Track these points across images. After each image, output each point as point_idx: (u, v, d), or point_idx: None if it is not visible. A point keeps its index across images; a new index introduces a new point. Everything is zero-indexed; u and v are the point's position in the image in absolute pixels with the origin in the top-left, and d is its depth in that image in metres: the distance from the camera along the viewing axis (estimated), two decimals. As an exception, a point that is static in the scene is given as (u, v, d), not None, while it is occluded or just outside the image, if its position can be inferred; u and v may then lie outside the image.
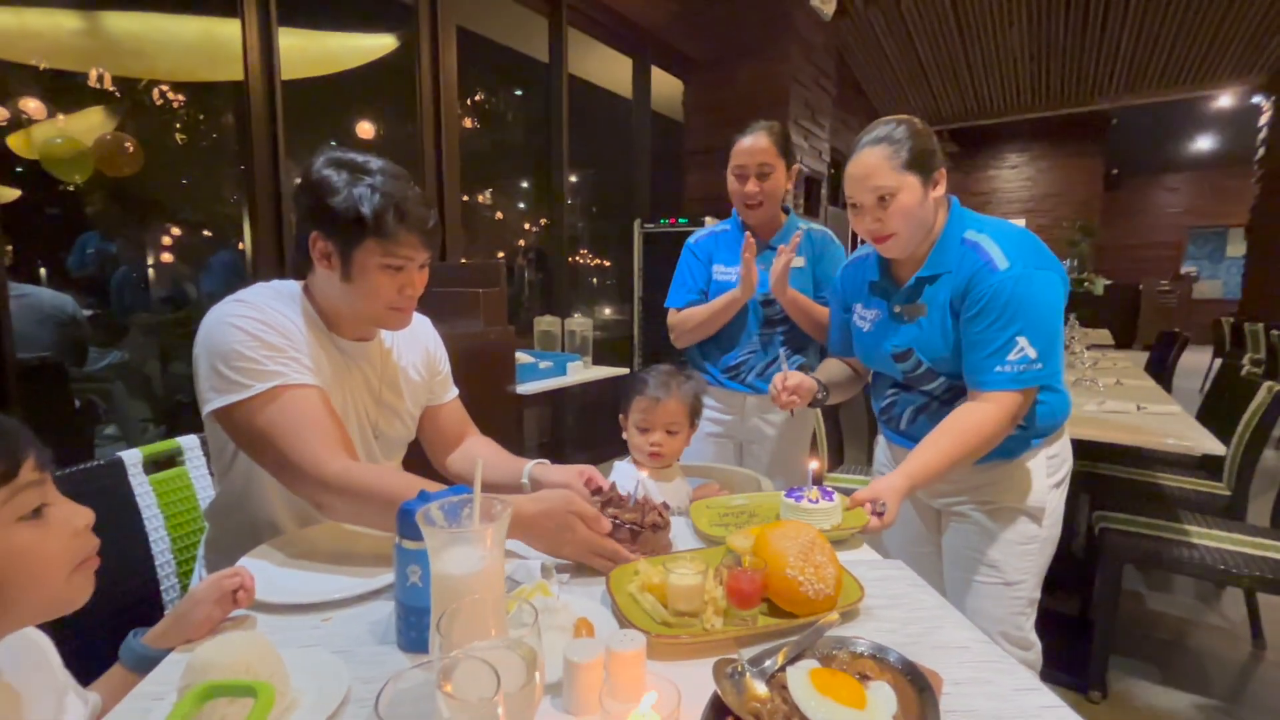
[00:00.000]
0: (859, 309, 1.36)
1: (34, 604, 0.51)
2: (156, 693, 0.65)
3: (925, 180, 1.17)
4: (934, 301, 1.21)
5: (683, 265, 1.84)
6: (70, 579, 0.52)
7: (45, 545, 0.50)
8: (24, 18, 2.79)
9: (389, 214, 0.95)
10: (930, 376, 1.25)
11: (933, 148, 1.18)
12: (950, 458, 1.12)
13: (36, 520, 0.50)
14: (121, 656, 0.71)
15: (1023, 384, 1.13)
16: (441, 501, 0.61)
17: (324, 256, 0.99)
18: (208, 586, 0.74)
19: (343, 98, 3.73)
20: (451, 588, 0.57)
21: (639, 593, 0.81)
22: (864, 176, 1.17)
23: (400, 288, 1.01)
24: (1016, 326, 1.12)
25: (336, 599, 0.82)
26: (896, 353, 1.27)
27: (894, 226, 1.17)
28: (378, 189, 0.96)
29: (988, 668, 0.72)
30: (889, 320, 1.28)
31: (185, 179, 3.82)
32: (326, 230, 0.97)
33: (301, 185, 1.00)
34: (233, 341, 0.92)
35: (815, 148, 4.59)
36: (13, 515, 0.48)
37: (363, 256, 0.97)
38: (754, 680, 0.62)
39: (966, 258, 1.18)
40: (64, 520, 0.51)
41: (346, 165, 0.98)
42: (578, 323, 3.11)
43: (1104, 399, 2.21)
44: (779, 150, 1.66)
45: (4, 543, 0.48)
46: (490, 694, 0.43)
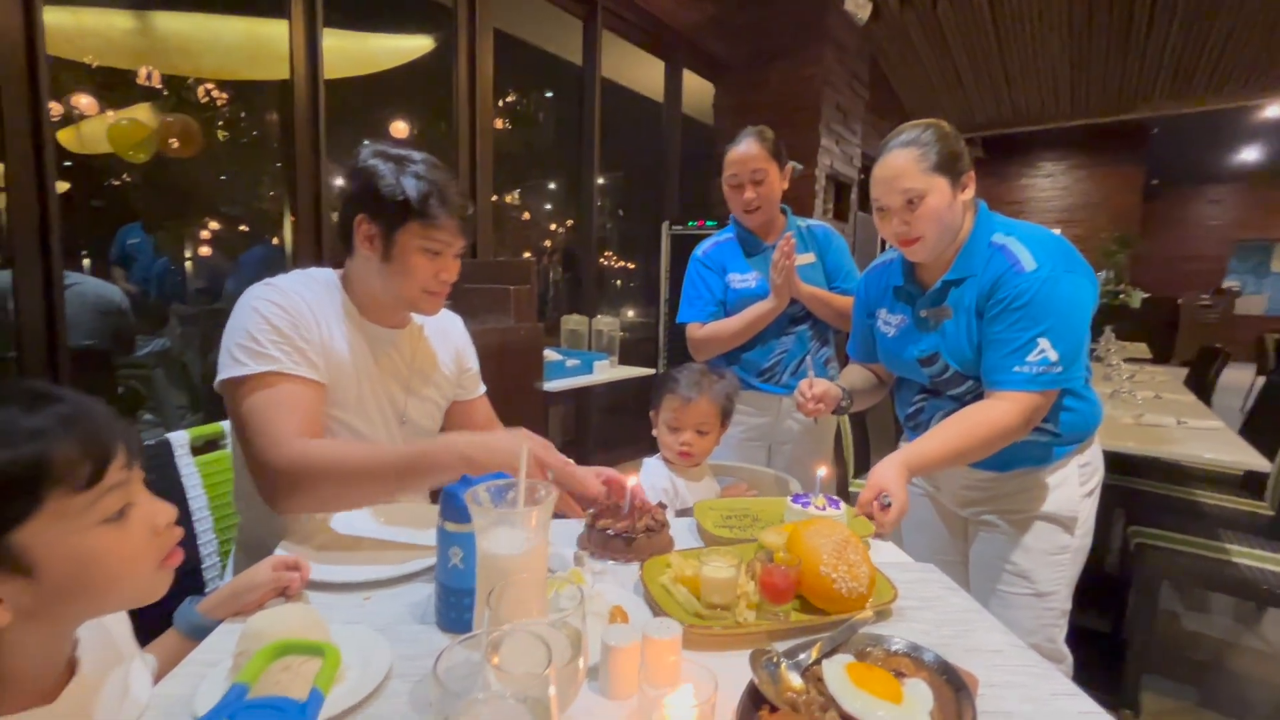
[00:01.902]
0: (883, 315, 1.36)
1: (114, 601, 0.53)
2: (210, 660, 0.68)
3: (953, 183, 1.16)
4: (960, 305, 1.20)
5: (694, 278, 1.83)
6: (153, 575, 0.53)
7: (126, 546, 0.50)
8: (80, 17, 2.91)
9: (432, 198, 1.01)
10: (958, 381, 1.24)
11: (960, 150, 1.18)
12: (954, 448, 1.10)
13: (119, 521, 0.50)
14: (177, 623, 0.74)
15: (1040, 386, 1.10)
16: (488, 484, 0.63)
17: (367, 238, 1.04)
18: (267, 573, 0.77)
19: (379, 97, 3.82)
20: (497, 567, 0.59)
21: (672, 584, 0.82)
22: (892, 179, 1.17)
23: (436, 272, 1.06)
24: (1040, 328, 1.10)
25: (377, 579, 0.85)
26: (923, 357, 1.26)
27: (921, 229, 1.16)
28: (422, 177, 1.02)
29: (1023, 672, 0.71)
30: (914, 325, 1.27)
31: (224, 175, 3.94)
32: (372, 212, 1.02)
33: (350, 173, 1.05)
34: (247, 322, 0.97)
35: (846, 152, 4.56)
36: (96, 519, 0.49)
37: (404, 238, 1.02)
38: (789, 671, 0.63)
39: (994, 260, 1.17)
40: (145, 519, 0.52)
41: (392, 157, 1.03)
42: (605, 322, 3.13)
43: (1142, 412, 2.16)
44: (770, 154, 1.69)
45: (85, 546, 0.48)
46: (541, 668, 0.45)
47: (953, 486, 1.35)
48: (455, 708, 0.42)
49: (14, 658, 0.48)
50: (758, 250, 1.78)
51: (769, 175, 1.69)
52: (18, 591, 0.45)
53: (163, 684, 0.65)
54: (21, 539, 0.45)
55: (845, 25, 4.17)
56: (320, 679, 0.42)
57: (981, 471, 1.26)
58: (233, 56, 3.37)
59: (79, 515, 0.47)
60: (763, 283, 1.72)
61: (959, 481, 1.32)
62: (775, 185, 1.72)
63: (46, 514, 0.45)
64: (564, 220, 5.06)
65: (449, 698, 0.41)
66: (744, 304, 1.73)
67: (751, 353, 1.77)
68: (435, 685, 0.42)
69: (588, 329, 3.15)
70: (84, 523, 0.48)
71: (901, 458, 1.08)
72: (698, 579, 0.80)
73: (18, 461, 0.44)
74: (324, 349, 1.02)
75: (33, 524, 0.45)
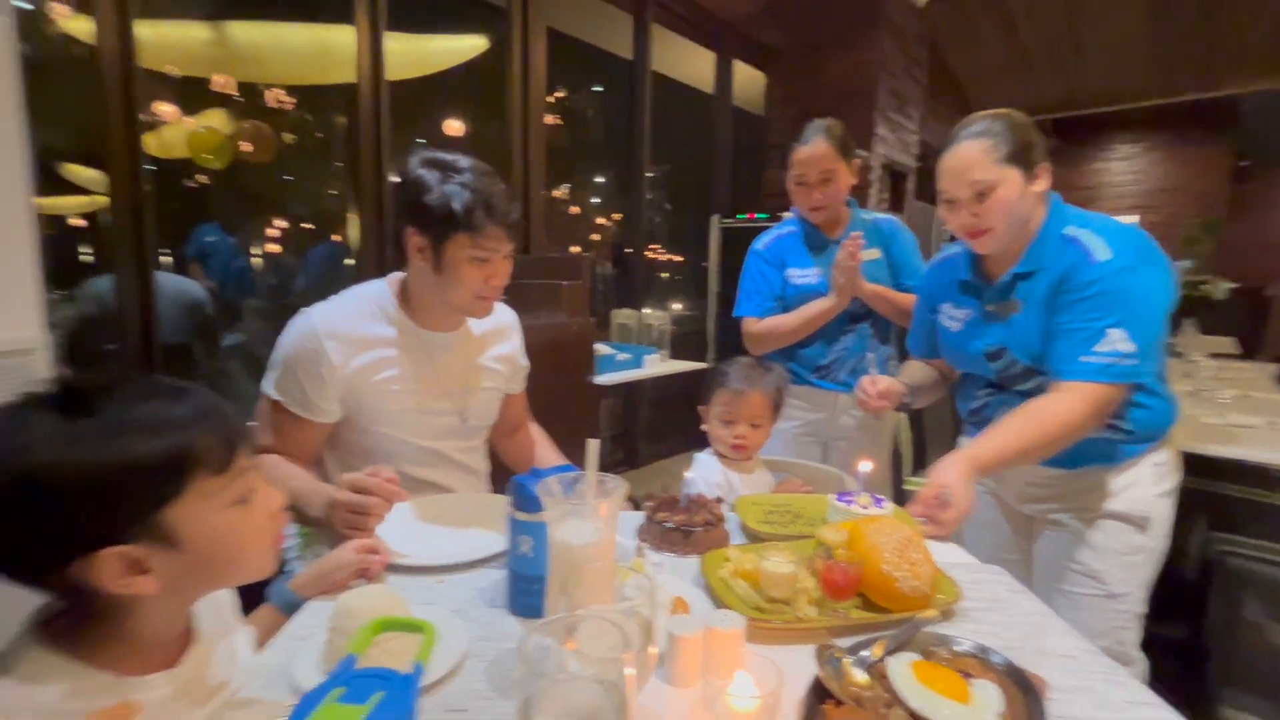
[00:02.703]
0: (947, 309, 1.33)
1: (236, 576, 0.59)
2: (304, 634, 0.74)
3: (1026, 174, 1.13)
4: (1030, 298, 1.16)
5: (753, 272, 1.82)
6: (267, 555, 0.59)
7: (249, 527, 0.56)
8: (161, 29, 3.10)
9: (478, 209, 1.03)
10: (1026, 376, 1.20)
11: (1034, 141, 1.14)
12: (1020, 445, 1.07)
13: (244, 504, 0.56)
14: (272, 599, 0.81)
15: (1111, 377, 1.06)
16: (558, 477, 0.66)
17: (418, 250, 1.08)
18: (351, 554, 0.83)
19: (435, 98, 3.92)
20: (569, 557, 0.61)
21: (731, 578, 0.84)
22: (961, 170, 1.14)
23: (487, 278, 1.09)
24: (1112, 318, 1.06)
25: (450, 563, 0.89)
26: (989, 351, 1.23)
27: (990, 222, 1.13)
28: (467, 186, 1.04)
29: (1097, 678, 0.69)
30: (981, 319, 1.24)
31: (290, 176, 4.13)
32: (420, 225, 1.06)
33: (397, 185, 1.10)
34: (279, 352, 1.09)
35: (903, 140, 4.42)
36: (228, 500, 0.54)
37: (453, 249, 1.06)
38: (853, 667, 0.63)
39: (1066, 252, 1.13)
40: (264, 504, 0.58)
41: (438, 164, 1.06)
42: (655, 316, 3.15)
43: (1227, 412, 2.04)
44: (838, 152, 1.64)
45: (217, 524, 0.53)
46: (614, 653, 0.47)
47: (1017, 484, 1.31)
48: (538, 686, 0.45)
49: (149, 624, 0.54)
50: (821, 245, 1.74)
51: (837, 174, 1.65)
52: (166, 563, 0.51)
53: (260, 656, 0.71)
54: (171, 516, 0.50)
55: (903, 8, 4.04)
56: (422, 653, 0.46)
57: (1048, 469, 1.22)
58: (300, 62, 3.53)
59: (215, 496, 0.52)
60: (823, 279, 1.69)
61: (1024, 479, 1.29)
62: (843, 183, 1.67)
63: (191, 494, 0.51)
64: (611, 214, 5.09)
65: (533, 676, 0.44)
66: (803, 300, 1.71)
67: (809, 349, 1.75)
68: (521, 664, 0.45)
69: (638, 323, 3.17)
70: (219, 503, 0.53)
71: (965, 456, 1.05)
72: (757, 573, 0.81)
73: (171, 448, 0.49)
74: (345, 384, 1.09)
75: (180, 503, 0.50)
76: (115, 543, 0.47)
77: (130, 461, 0.47)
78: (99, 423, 0.47)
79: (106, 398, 0.49)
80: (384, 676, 0.41)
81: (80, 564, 0.47)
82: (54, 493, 0.45)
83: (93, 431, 0.47)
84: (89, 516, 0.47)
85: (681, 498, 1.04)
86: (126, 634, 0.53)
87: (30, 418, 0.47)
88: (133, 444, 0.47)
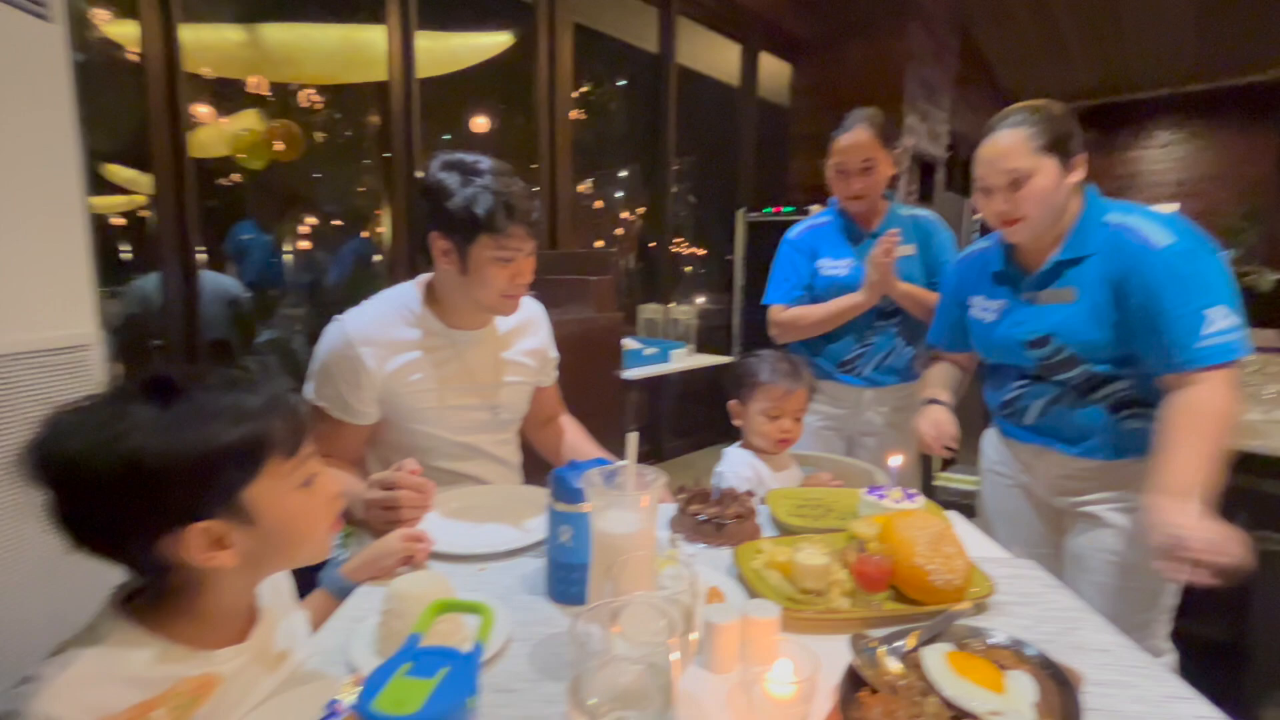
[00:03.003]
0: (979, 301, 1.32)
1: (301, 555, 0.64)
2: (357, 616, 0.78)
3: (1063, 164, 1.13)
4: (1084, 284, 1.15)
5: (783, 260, 1.81)
6: (326, 536, 0.64)
7: (313, 508, 0.61)
8: (198, 32, 3.19)
9: (499, 212, 1.06)
10: (1069, 364, 1.19)
11: (1073, 131, 1.14)
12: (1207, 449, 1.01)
13: (309, 488, 0.61)
14: (325, 584, 0.85)
15: (1233, 355, 1.05)
16: (599, 469, 0.68)
17: (443, 254, 1.11)
18: (398, 542, 0.87)
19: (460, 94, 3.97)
20: (611, 545, 0.64)
21: (764, 569, 0.85)
22: (998, 158, 1.14)
23: (511, 277, 1.12)
24: (1205, 300, 1.05)
25: (491, 552, 0.93)
26: (1031, 340, 1.22)
27: (1024, 210, 1.13)
28: (488, 189, 1.06)
29: (1133, 672, 0.70)
30: (1020, 308, 1.24)
31: (320, 174, 4.23)
32: (445, 230, 1.10)
33: (420, 190, 1.12)
34: (315, 360, 1.14)
35: (933, 130, 4.34)
36: (296, 483, 0.59)
37: (477, 251, 1.09)
38: (887, 656, 0.65)
39: (1117, 240, 1.12)
40: (325, 488, 0.63)
41: (458, 166, 1.09)
42: (682, 311, 3.16)
43: (1272, 408, 1.98)
44: (880, 141, 1.62)
45: (286, 504, 0.58)
46: (662, 637, 0.49)
47: (1049, 476, 1.30)
48: (588, 667, 0.48)
49: (223, 599, 0.59)
50: (855, 237, 1.73)
51: (878, 164, 1.63)
52: (243, 540, 0.56)
53: (317, 636, 0.75)
54: (249, 495, 0.55)
55: (933, -6, 3.97)
56: (481, 632, 0.48)
57: (1087, 460, 1.21)
58: (331, 62, 3.59)
59: (285, 478, 0.57)
60: (854, 271, 1.68)
61: (1059, 471, 1.27)
62: (884, 174, 1.66)
63: (265, 475, 0.56)
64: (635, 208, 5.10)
65: (585, 656, 0.46)
66: (831, 291, 1.70)
67: (836, 344, 1.74)
68: (571, 646, 0.47)
69: (664, 317, 3.19)
70: (289, 485, 0.58)
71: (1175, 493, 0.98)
72: (790, 565, 0.83)
73: (250, 434, 0.54)
74: (382, 386, 1.13)
75: (257, 484, 0.55)
76: (201, 519, 0.52)
77: (217, 446, 0.52)
78: (190, 411, 0.52)
79: (193, 389, 0.54)
80: (448, 653, 0.44)
81: (170, 539, 0.52)
82: (152, 474, 0.50)
83: (186, 419, 0.52)
84: (181, 495, 0.51)
85: (713, 490, 1.05)
86: (200, 609, 0.58)
87: (126, 408, 0.51)
88: (219, 430, 0.52)
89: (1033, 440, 1.26)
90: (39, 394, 1.27)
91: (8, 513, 1.24)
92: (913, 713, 0.58)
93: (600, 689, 0.48)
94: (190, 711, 0.54)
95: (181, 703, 0.53)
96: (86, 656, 0.51)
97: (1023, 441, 1.30)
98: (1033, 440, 1.26)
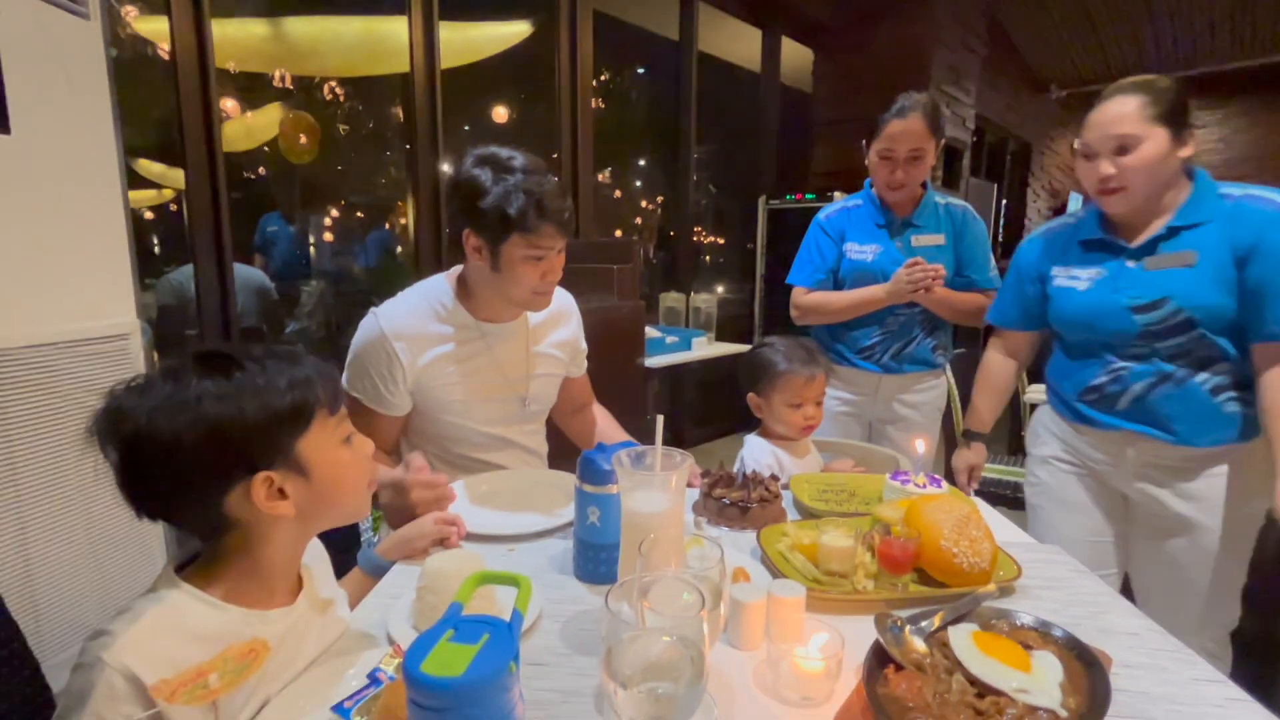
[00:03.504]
0: (1065, 272, 1.30)
1: (344, 509, 0.68)
2: (393, 593, 0.80)
3: (1175, 136, 1.12)
4: (1205, 247, 1.14)
5: (810, 242, 1.79)
6: (364, 494, 0.69)
7: (354, 464, 0.66)
8: (224, 28, 3.24)
9: (530, 210, 1.06)
10: (1182, 329, 1.16)
11: (1187, 106, 1.14)
12: None
13: (349, 445, 0.67)
14: (361, 564, 0.88)
15: None
16: (627, 450, 0.69)
17: (475, 250, 1.12)
18: (431, 525, 0.90)
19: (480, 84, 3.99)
20: (640, 524, 0.65)
21: (789, 551, 0.86)
22: (1109, 122, 1.14)
23: (542, 274, 1.13)
24: None
25: (521, 533, 0.95)
26: (1141, 304, 1.19)
27: (1127, 179, 1.14)
28: (520, 187, 1.06)
29: (1162, 655, 0.70)
30: (1125, 273, 1.21)
31: (343, 165, 4.28)
32: (477, 227, 1.10)
33: (453, 186, 1.12)
34: (352, 352, 1.17)
35: (958, 115, 4.26)
36: (339, 438, 0.65)
37: (509, 249, 1.09)
38: (913, 635, 0.65)
39: (1240, 209, 1.12)
40: (361, 446, 0.69)
41: (491, 162, 1.09)
42: (703, 299, 3.16)
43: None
44: (931, 131, 1.58)
45: (334, 457, 0.64)
46: (692, 611, 0.51)
47: (1138, 464, 1.27)
48: (620, 640, 0.49)
49: (275, 556, 0.64)
50: (888, 224, 1.70)
51: (926, 154, 1.59)
52: (299, 489, 0.62)
53: (357, 611, 0.78)
54: (302, 447, 0.62)
55: (960, -25, 3.88)
56: (519, 602, 0.50)
57: (1177, 447, 1.20)
58: (354, 54, 3.63)
59: (331, 432, 0.64)
60: (880, 258, 1.67)
61: (1148, 458, 1.25)
62: (929, 164, 1.61)
63: (314, 429, 0.62)
64: (655, 197, 5.09)
65: (619, 627, 0.48)
66: (857, 276, 1.69)
67: (855, 330, 1.73)
68: (605, 620, 0.49)
69: (685, 306, 3.19)
70: (333, 439, 0.65)
71: None
72: (815, 547, 0.84)
73: (299, 395, 0.61)
74: (414, 379, 1.15)
75: (307, 436, 0.62)
76: (264, 469, 0.59)
77: (276, 407, 0.59)
78: (249, 380, 0.59)
79: (248, 362, 0.60)
80: (489, 621, 0.46)
81: (239, 491, 0.58)
82: (225, 432, 0.57)
83: (246, 385, 0.58)
84: (250, 448, 0.58)
85: (737, 474, 1.06)
86: (252, 569, 0.63)
87: (189, 380, 0.57)
88: (275, 395, 0.59)
89: (1124, 426, 1.23)
90: (84, 380, 1.33)
91: (66, 496, 1.30)
92: (939, 690, 0.59)
93: (632, 661, 0.50)
94: (243, 677, 0.57)
95: (233, 668, 0.56)
96: (152, 613, 0.56)
97: (1108, 429, 1.26)
98: (1124, 426, 1.23)
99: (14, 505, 1.22)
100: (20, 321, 1.24)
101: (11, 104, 1.22)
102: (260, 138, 3.26)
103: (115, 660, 0.52)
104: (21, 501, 1.23)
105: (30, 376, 1.25)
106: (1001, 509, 1.16)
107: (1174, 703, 0.62)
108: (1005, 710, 0.56)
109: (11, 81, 1.21)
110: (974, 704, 0.57)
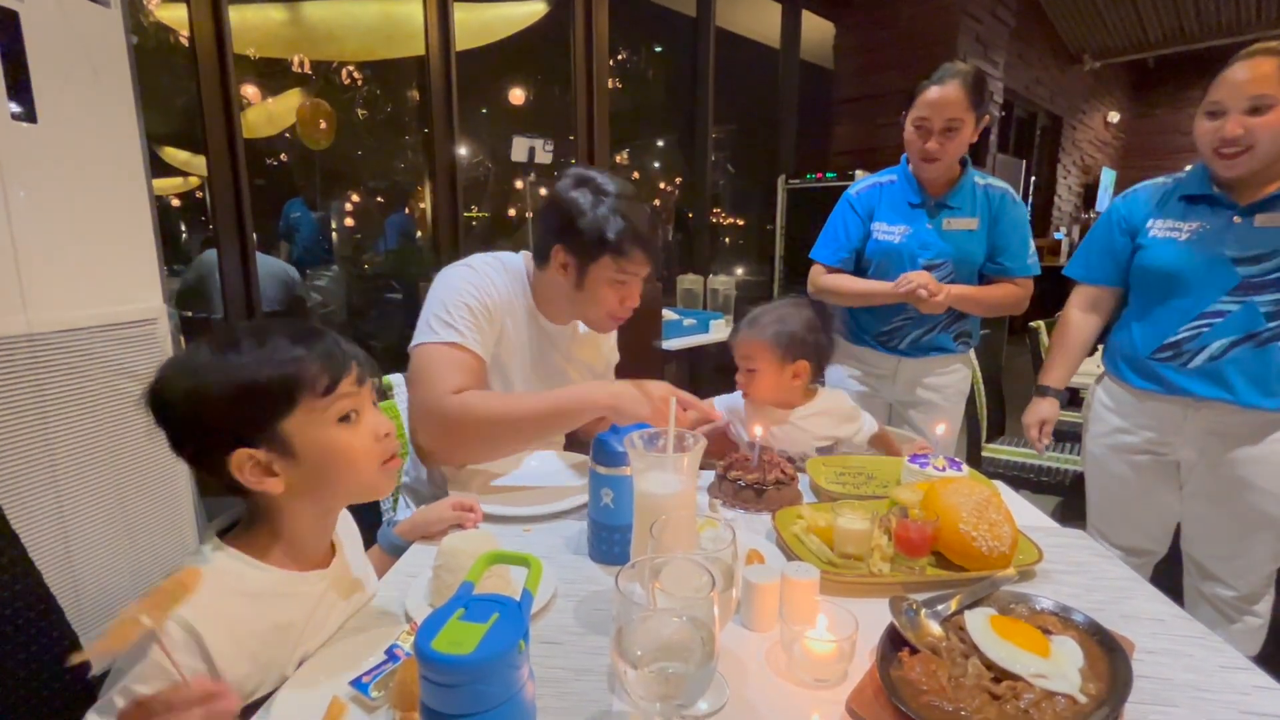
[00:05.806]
0: (1163, 224, 1.32)
1: (349, 488, 0.68)
2: (411, 572, 0.82)
3: None
4: None
5: (837, 217, 1.74)
6: (378, 472, 0.68)
7: (356, 443, 0.66)
8: (243, 14, 3.26)
9: (627, 236, 1.08)
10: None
11: None
12: None
13: (350, 424, 0.66)
14: (380, 543, 0.90)
15: None
16: (641, 432, 0.69)
17: (562, 266, 1.12)
18: (447, 510, 0.91)
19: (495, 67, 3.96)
20: (653, 505, 0.65)
21: (804, 534, 0.86)
22: (1247, 81, 1.15)
23: (622, 300, 1.14)
24: None
25: (536, 514, 0.96)
26: (1246, 256, 1.21)
27: (1256, 139, 1.15)
28: (619, 211, 1.08)
29: (1187, 642, 0.68)
30: (1231, 228, 1.23)
31: (361, 151, 4.30)
32: (569, 245, 1.10)
33: (550, 203, 1.13)
34: (445, 296, 1.10)
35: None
36: (332, 418, 0.64)
37: (597, 270, 1.10)
38: (928, 619, 0.65)
39: None
40: (371, 426, 0.68)
41: (589, 184, 1.10)
42: (721, 281, 3.14)
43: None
44: (971, 102, 1.49)
45: (327, 438, 0.64)
46: (704, 592, 0.50)
47: (1198, 429, 1.29)
48: (632, 620, 0.49)
49: (295, 522, 0.67)
50: (921, 204, 1.63)
51: (963, 126, 1.51)
52: (286, 469, 0.63)
53: (376, 588, 0.79)
54: (285, 428, 0.62)
55: (989, -58, 3.73)
56: (529, 582, 0.51)
57: (1244, 410, 1.22)
58: (371, 38, 3.62)
59: (321, 413, 0.64)
60: (908, 240, 1.62)
61: (1206, 425, 1.28)
62: (966, 138, 1.54)
63: (300, 410, 0.62)
64: (673, 178, 5.03)
65: (630, 608, 0.48)
66: (882, 255, 1.65)
67: (873, 314, 1.70)
68: (616, 600, 0.49)
69: (703, 288, 3.17)
70: (325, 419, 0.64)
71: None
72: (830, 529, 0.83)
73: (280, 373, 0.61)
74: (500, 336, 1.14)
75: (291, 417, 0.62)
76: (246, 446, 0.61)
77: (250, 382, 0.60)
78: (237, 355, 0.61)
79: (245, 339, 0.62)
80: (499, 600, 0.46)
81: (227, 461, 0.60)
82: (204, 402, 0.60)
83: (231, 361, 0.61)
84: (224, 423, 0.60)
85: (753, 457, 1.06)
86: (283, 535, 0.66)
87: (196, 352, 0.62)
88: (255, 370, 0.61)
89: (1191, 390, 1.26)
90: (114, 363, 1.36)
91: (100, 474, 1.34)
92: (954, 673, 0.58)
93: (643, 641, 0.50)
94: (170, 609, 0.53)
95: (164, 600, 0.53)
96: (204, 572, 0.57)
97: (1172, 395, 1.29)
98: (1191, 390, 1.26)
99: (51, 485, 1.27)
100: (52, 306, 1.27)
101: (38, 94, 1.24)
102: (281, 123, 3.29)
103: (182, 617, 0.55)
104: (58, 481, 1.27)
105: (63, 360, 1.28)
106: (1025, 493, 1.14)
107: (1198, 689, 0.61)
108: (1022, 695, 0.55)
109: (37, 72, 1.23)
110: (990, 688, 0.56)
